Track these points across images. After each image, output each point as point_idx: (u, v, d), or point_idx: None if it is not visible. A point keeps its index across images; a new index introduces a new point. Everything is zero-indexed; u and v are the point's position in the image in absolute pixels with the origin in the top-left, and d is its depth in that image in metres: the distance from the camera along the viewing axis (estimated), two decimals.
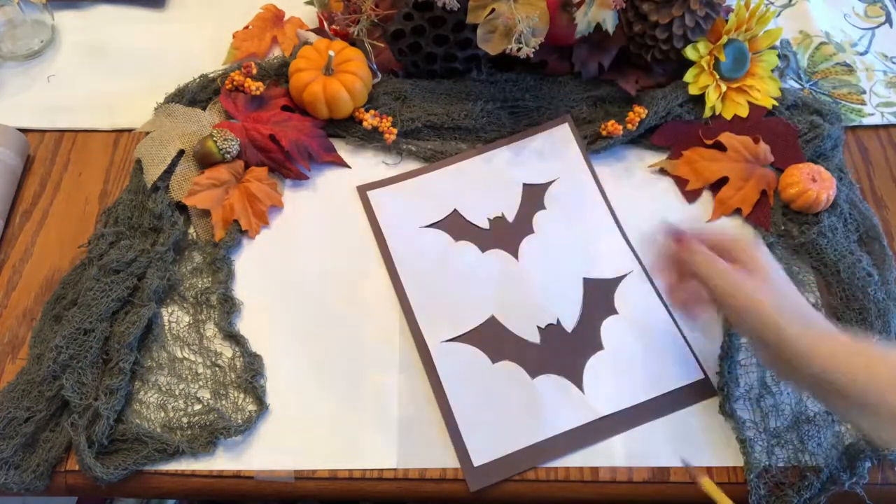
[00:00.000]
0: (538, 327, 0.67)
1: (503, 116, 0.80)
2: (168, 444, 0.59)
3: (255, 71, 0.79)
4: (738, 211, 0.74)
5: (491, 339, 0.66)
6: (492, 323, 0.67)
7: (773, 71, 0.81)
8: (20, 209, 0.74)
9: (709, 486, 0.55)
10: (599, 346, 0.66)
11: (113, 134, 0.80)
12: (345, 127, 0.79)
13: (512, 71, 0.82)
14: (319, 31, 0.85)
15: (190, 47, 0.87)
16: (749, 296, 0.51)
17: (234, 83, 0.78)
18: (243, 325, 0.67)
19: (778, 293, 0.51)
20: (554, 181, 0.76)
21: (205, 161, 0.73)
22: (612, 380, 0.64)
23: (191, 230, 0.72)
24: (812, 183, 0.71)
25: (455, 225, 0.73)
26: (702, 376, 0.65)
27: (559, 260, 0.71)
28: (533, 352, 0.66)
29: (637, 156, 0.79)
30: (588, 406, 0.63)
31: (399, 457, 0.60)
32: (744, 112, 0.79)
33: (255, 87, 0.77)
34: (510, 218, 0.74)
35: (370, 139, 0.78)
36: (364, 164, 0.78)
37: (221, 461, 0.60)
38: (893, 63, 0.88)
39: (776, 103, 0.80)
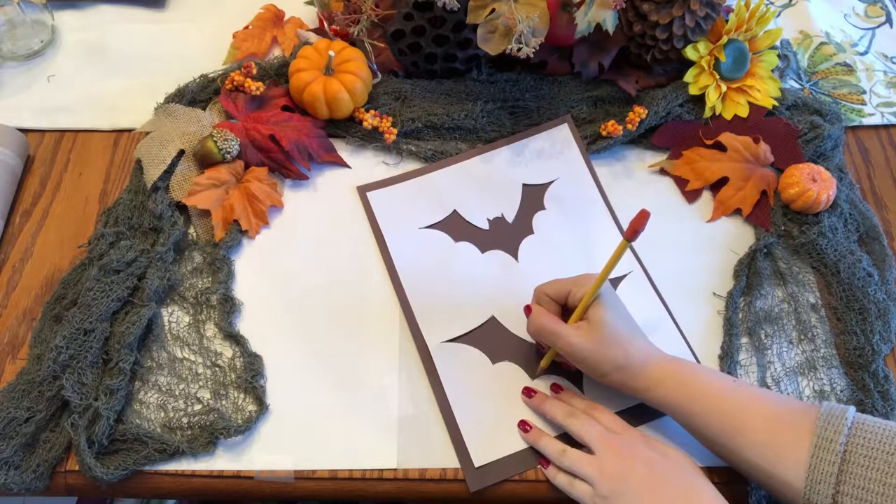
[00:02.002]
0: None
1: (503, 116, 0.80)
2: (168, 444, 0.59)
3: (255, 71, 0.79)
4: (738, 211, 0.74)
5: (491, 339, 0.66)
6: (492, 323, 0.67)
7: (773, 71, 0.81)
8: (20, 209, 0.74)
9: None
10: None
11: (113, 134, 0.80)
12: (345, 127, 0.79)
13: (512, 71, 0.82)
14: (319, 31, 0.85)
15: (190, 47, 0.87)
16: (565, 346, 0.59)
17: (234, 83, 0.78)
18: (243, 326, 0.67)
19: (596, 339, 0.58)
20: (554, 181, 0.76)
21: (205, 161, 0.73)
22: None
23: (191, 230, 0.72)
24: (812, 183, 0.71)
25: (455, 225, 0.73)
26: None
27: (559, 260, 0.71)
28: (533, 352, 0.66)
29: (637, 156, 0.79)
30: None
31: (399, 457, 0.60)
32: (744, 112, 0.79)
33: (255, 87, 0.77)
34: (510, 218, 0.74)
35: (370, 139, 0.78)
36: (364, 165, 0.78)
37: (221, 461, 0.60)
38: (894, 63, 0.88)
39: (776, 103, 0.80)
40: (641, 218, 0.53)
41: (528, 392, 0.63)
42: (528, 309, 0.63)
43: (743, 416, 0.54)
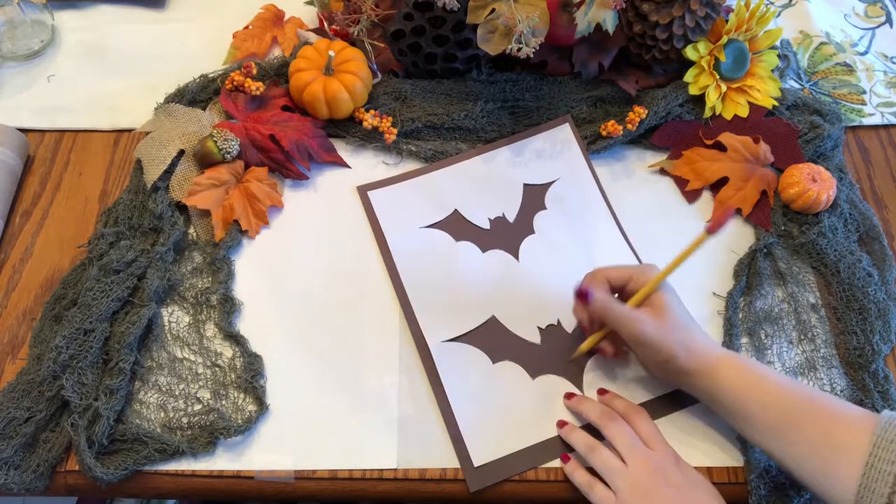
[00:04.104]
0: (539, 328, 0.67)
1: (503, 116, 0.80)
2: (168, 444, 0.59)
3: (255, 71, 0.79)
4: (738, 211, 0.74)
5: (491, 339, 0.66)
6: (492, 323, 0.67)
7: (773, 71, 0.81)
8: (20, 209, 0.74)
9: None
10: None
11: (113, 134, 0.80)
12: (345, 127, 0.79)
13: (512, 71, 0.82)
14: (319, 31, 0.85)
15: (190, 47, 0.87)
16: (632, 329, 0.59)
17: (235, 83, 0.78)
18: (243, 325, 0.67)
19: (661, 323, 0.58)
20: (554, 181, 0.76)
21: (205, 161, 0.73)
22: (612, 381, 0.64)
23: (191, 230, 0.72)
24: (812, 183, 0.71)
25: (456, 225, 0.73)
26: None
27: (560, 260, 0.71)
28: (533, 352, 0.66)
29: (637, 156, 0.79)
30: None
31: (399, 457, 0.60)
32: (744, 112, 0.79)
33: (255, 87, 0.77)
34: (511, 218, 0.74)
35: (370, 139, 0.78)
36: (364, 165, 0.78)
37: (221, 461, 0.60)
38: (894, 63, 0.88)
39: (776, 103, 0.80)
40: (727, 213, 0.54)
41: (567, 395, 0.63)
42: (580, 293, 0.62)
43: (802, 412, 0.54)
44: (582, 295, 0.62)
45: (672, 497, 0.54)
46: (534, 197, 0.75)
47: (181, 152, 0.75)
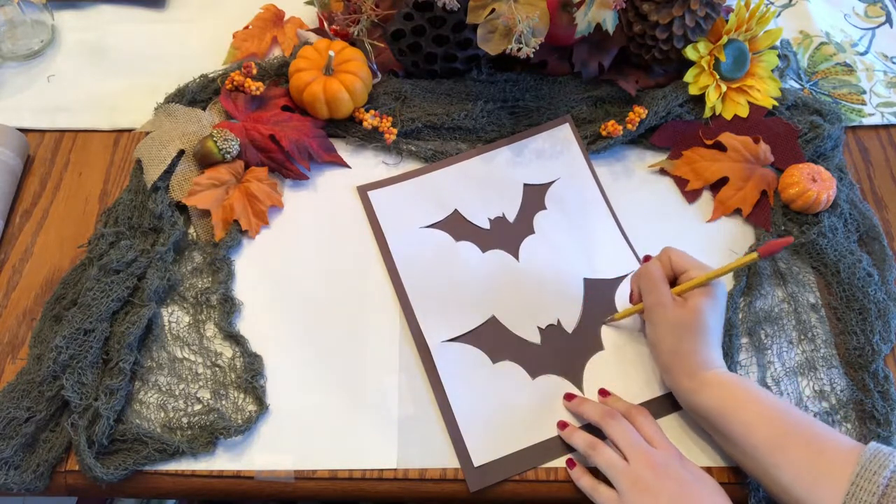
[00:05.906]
0: (538, 328, 0.67)
1: (503, 116, 0.80)
2: (168, 444, 0.59)
3: (255, 71, 0.79)
4: (738, 211, 0.74)
5: (491, 339, 0.66)
6: (492, 323, 0.67)
7: (773, 71, 0.81)
8: (20, 209, 0.74)
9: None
10: (600, 347, 0.66)
11: (113, 134, 0.80)
12: (345, 127, 0.79)
13: (512, 71, 0.82)
14: (319, 31, 0.85)
15: (190, 47, 0.87)
16: (655, 302, 0.60)
17: (235, 83, 0.78)
18: (243, 326, 0.67)
19: (681, 319, 0.59)
20: (554, 181, 0.76)
21: (205, 161, 0.73)
22: (613, 380, 0.64)
23: (191, 230, 0.72)
24: (812, 183, 0.71)
25: (456, 225, 0.73)
26: None
27: (560, 260, 0.71)
28: (533, 352, 0.66)
29: (637, 156, 0.79)
30: None
31: (399, 457, 0.60)
32: (744, 112, 0.79)
33: (255, 87, 0.77)
34: (511, 218, 0.74)
35: (370, 139, 0.78)
36: (364, 165, 0.78)
37: (221, 461, 0.60)
38: (893, 63, 0.88)
39: (776, 103, 0.80)
40: (784, 242, 0.55)
41: (567, 397, 0.63)
42: (646, 258, 0.65)
43: (789, 436, 0.54)
44: (646, 260, 0.65)
45: (676, 493, 0.54)
46: (534, 197, 0.75)
47: (181, 152, 0.75)
